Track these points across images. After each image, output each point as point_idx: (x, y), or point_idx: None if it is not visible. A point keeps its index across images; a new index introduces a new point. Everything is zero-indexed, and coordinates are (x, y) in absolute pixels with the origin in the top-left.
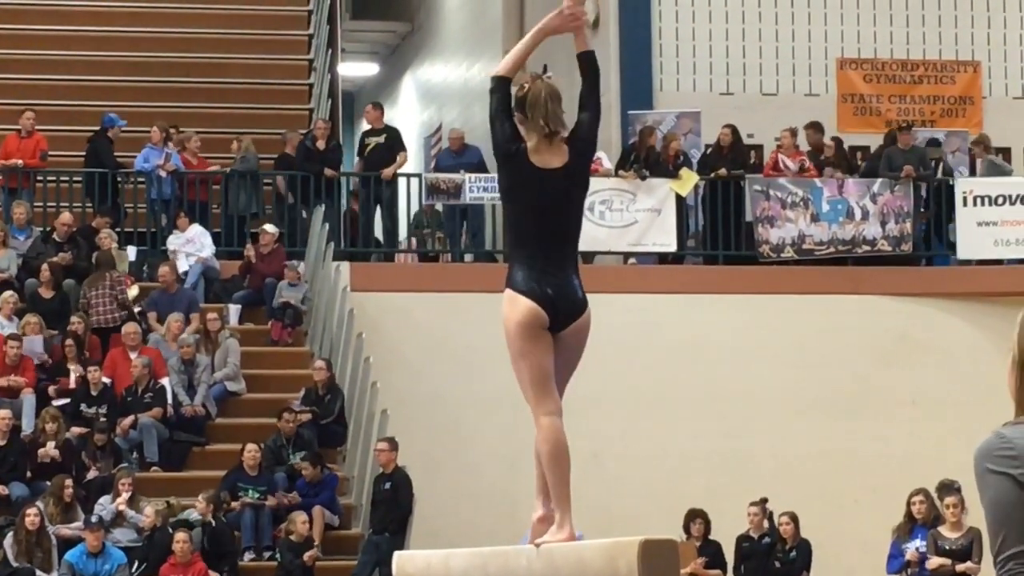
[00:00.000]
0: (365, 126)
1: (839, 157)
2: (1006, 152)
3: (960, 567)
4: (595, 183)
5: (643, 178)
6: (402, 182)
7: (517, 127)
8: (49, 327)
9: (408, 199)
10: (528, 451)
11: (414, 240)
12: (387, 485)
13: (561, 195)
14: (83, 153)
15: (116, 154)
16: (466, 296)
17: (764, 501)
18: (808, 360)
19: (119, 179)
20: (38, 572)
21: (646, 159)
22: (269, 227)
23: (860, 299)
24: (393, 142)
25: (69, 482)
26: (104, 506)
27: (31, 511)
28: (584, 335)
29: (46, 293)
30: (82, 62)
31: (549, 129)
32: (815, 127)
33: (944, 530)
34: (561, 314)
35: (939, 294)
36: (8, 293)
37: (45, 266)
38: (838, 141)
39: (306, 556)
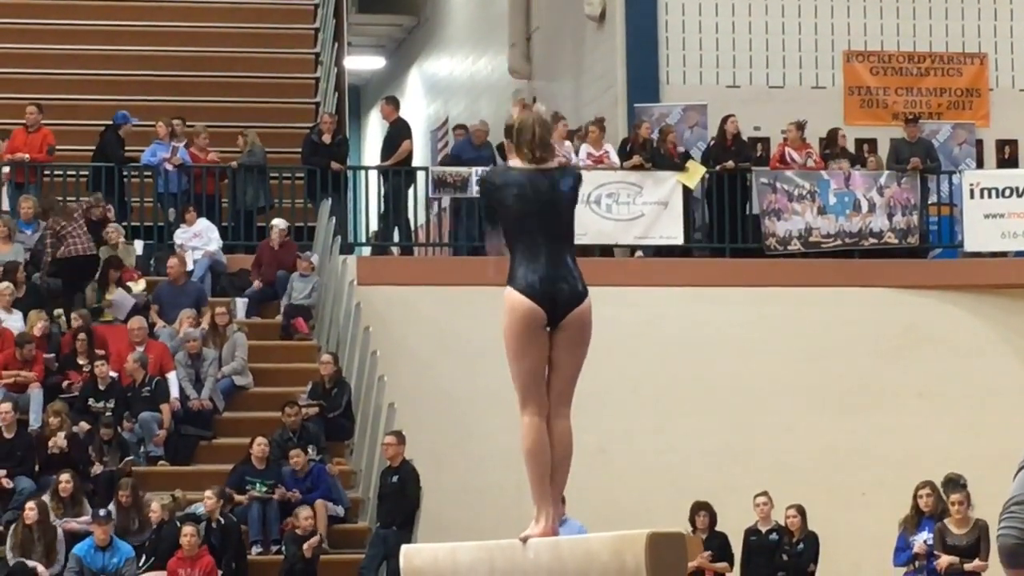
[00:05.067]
0: (374, 120)
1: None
2: (1012, 144)
3: (968, 566)
4: (602, 176)
5: (646, 168)
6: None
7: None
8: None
9: (415, 192)
10: None
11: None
12: (394, 479)
13: (549, 191)
14: (90, 147)
15: (124, 148)
16: (473, 289)
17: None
18: (815, 353)
19: (124, 174)
20: (37, 567)
21: (643, 149)
22: (279, 221)
23: (867, 292)
24: (398, 131)
25: (66, 477)
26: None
27: (29, 505)
28: (586, 324)
29: (38, 286)
30: (89, 56)
31: (535, 156)
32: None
33: (951, 525)
34: (560, 308)
35: (946, 286)
36: (4, 284)
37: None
38: (832, 132)
39: (305, 546)
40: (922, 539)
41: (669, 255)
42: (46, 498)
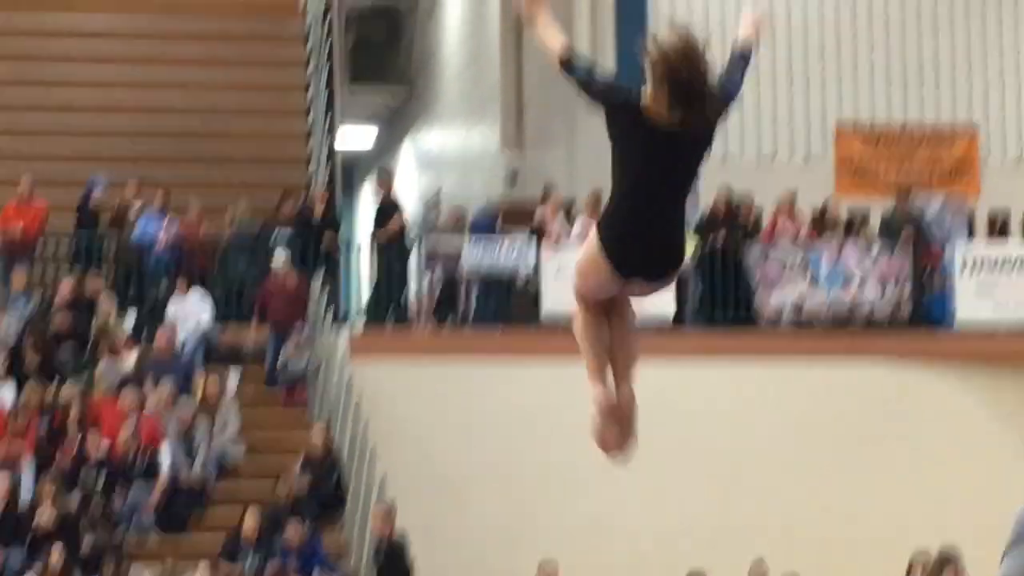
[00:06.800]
0: (367, 192)
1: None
2: (1004, 215)
3: None
4: None
5: None
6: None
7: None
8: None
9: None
10: (525, 520)
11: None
12: (384, 552)
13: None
14: None
15: (119, 221)
16: (466, 363)
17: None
18: (808, 424)
19: (103, 245)
20: None
21: None
22: (279, 253)
23: (859, 363)
24: (391, 205)
25: (57, 550)
26: None
27: None
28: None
29: (31, 358)
30: (83, 129)
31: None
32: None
33: None
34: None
35: (938, 358)
36: None
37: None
38: (824, 203)
39: None
40: None
41: (662, 327)
42: (36, 571)
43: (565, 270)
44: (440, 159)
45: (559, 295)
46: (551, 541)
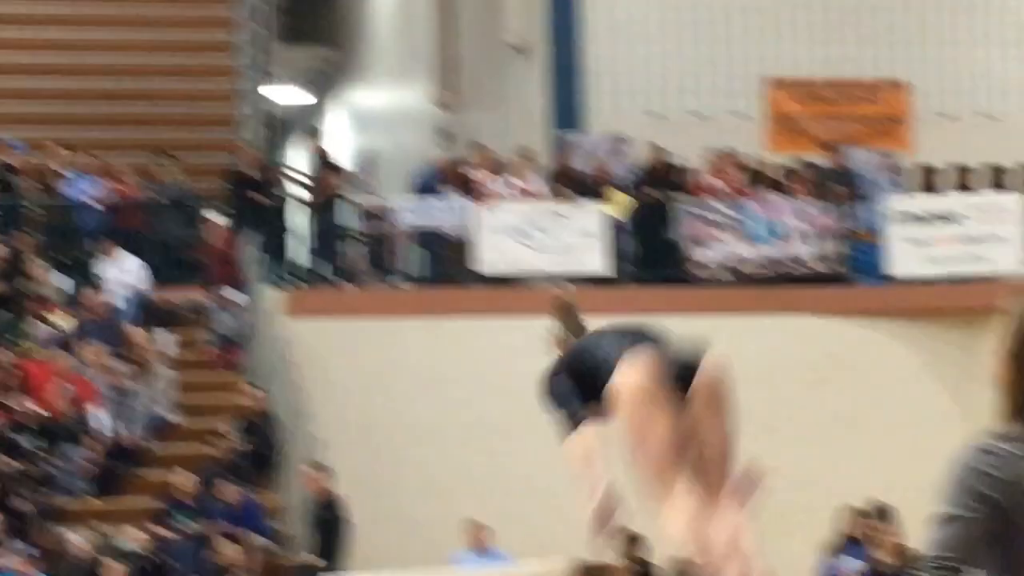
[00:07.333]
0: (300, 152)
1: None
2: (934, 170)
3: None
4: (528, 207)
5: (572, 198)
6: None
7: None
8: None
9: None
10: (461, 477)
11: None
12: (319, 511)
13: None
14: None
15: (47, 182)
16: (401, 322)
17: None
18: (740, 379)
19: (24, 206)
20: None
21: (570, 179)
22: (214, 215)
23: (791, 319)
24: (323, 164)
25: None
26: None
27: None
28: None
29: None
30: (9, 90)
31: None
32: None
33: (883, 555)
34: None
35: (870, 313)
36: None
37: None
38: (755, 160)
39: None
40: (856, 569)
41: (595, 283)
42: None
43: (499, 228)
44: (372, 118)
45: (493, 252)
46: (486, 498)
